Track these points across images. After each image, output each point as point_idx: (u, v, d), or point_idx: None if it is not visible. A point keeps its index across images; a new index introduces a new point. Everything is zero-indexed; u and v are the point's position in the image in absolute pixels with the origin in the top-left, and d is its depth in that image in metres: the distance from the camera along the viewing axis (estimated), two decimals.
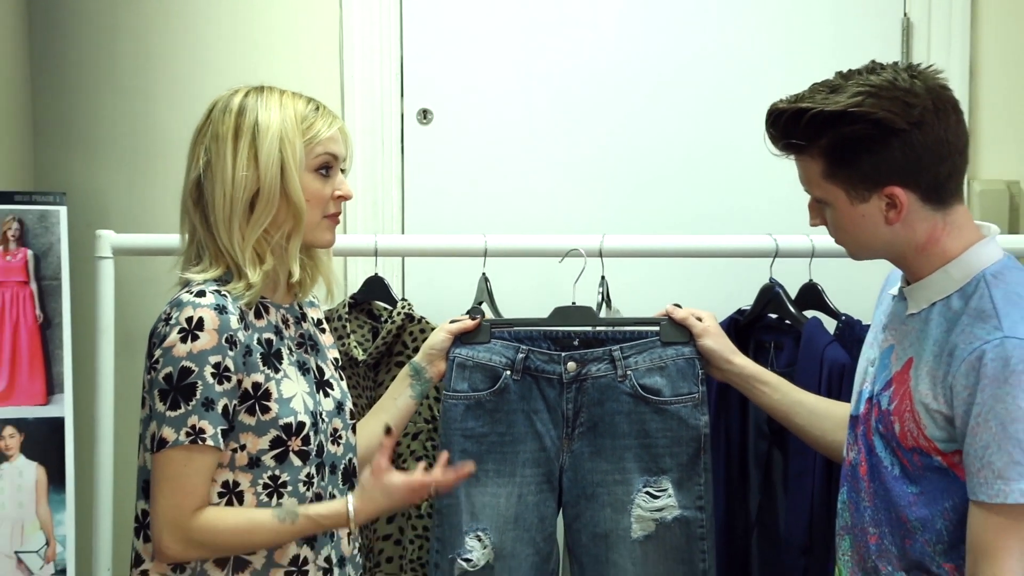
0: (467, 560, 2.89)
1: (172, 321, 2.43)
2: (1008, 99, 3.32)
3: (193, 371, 2.41)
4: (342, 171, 2.63)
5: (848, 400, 2.72)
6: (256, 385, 2.49)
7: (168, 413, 2.42)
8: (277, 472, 2.54)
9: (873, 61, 2.36)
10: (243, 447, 2.50)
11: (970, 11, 3.27)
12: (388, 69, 3.46)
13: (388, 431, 2.70)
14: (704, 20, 3.46)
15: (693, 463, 2.89)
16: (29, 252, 3.44)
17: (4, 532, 3.35)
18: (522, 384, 2.90)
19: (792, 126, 2.32)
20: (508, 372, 2.89)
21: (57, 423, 3.41)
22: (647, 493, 2.89)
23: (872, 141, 2.26)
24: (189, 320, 2.42)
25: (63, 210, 3.46)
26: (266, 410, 2.50)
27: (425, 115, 3.44)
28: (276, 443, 2.52)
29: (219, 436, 2.45)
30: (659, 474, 2.90)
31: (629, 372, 2.88)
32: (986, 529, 2.24)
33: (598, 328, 2.97)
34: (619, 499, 2.91)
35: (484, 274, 3.13)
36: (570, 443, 2.94)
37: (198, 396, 2.42)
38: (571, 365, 2.88)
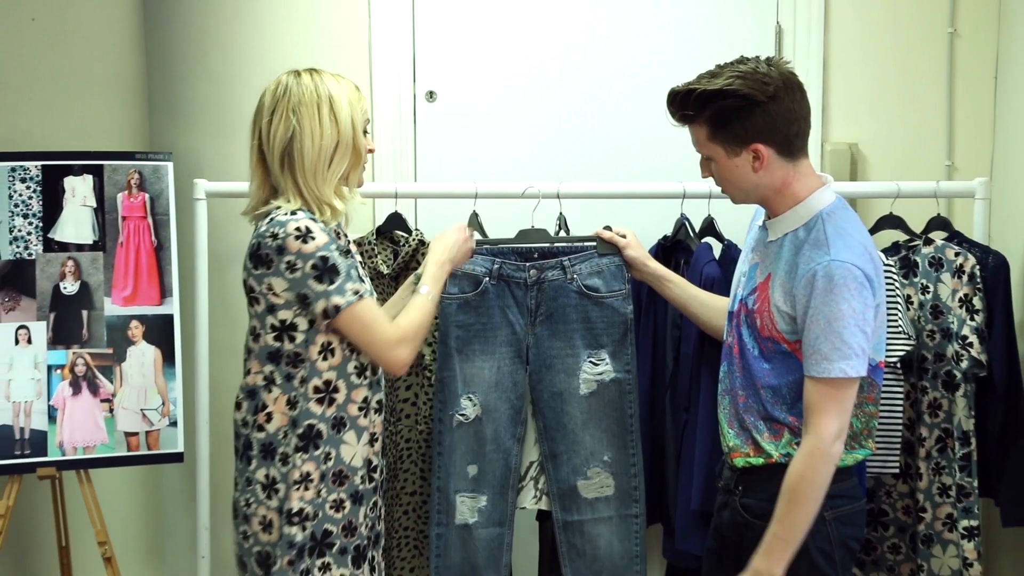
0: (462, 415, 2.99)
1: (282, 235, 2.45)
2: (850, 83, 3.33)
3: (328, 256, 2.45)
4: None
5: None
6: (359, 266, 2.59)
7: (329, 288, 2.46)
8: None
9: (742, 55, 2.42)
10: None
11: (823, 21, 3.28)
12: (404, 60, 3.41)
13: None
14: (634, 29, 3.45)
15: (623, 340, 2.98)
16: (146, 195, 3.46)
17: (133, 395, 3.40)
18: (497, 287, 2.97)
19: (684, 103, 2.40)
20: (487, 278, 2.96)
21: (168, 318, 3.45)
22: (590, 362, 2.98)
23: (740, 111, 2.34)
24: (298, 229, 2.44)
25: (170, 165, 3.49)
26: (363, 283, 2.58)
27: (431, 95, 3.41)
28: None
29: (371, 290, 2.56)
30: (599, 348, 2.98)
31: (575, 276, 2.94)
32: (814, 395, 2.34)
33: (551, 245, 3.00)
34: (570, 367, 2.99)
35: (475, 211, 3.12)
36: (533, 328, 3.00)
37: (342, 270, 2.47)
38: (533, 272, 2.96)
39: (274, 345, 2.53)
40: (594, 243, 2.99)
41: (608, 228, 2.95)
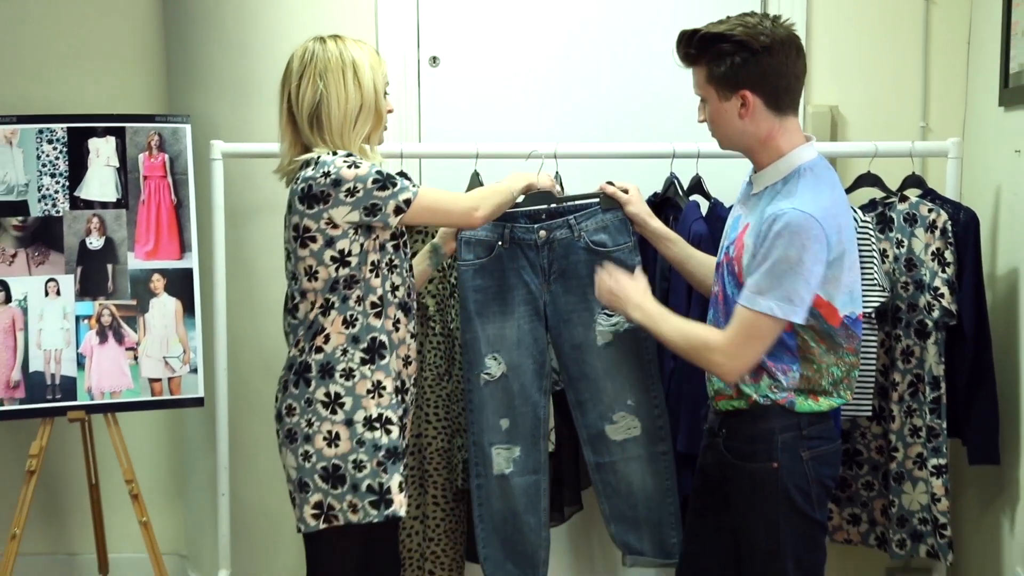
0: (488, 374, 2.96)
1: (333, 171, 2.51)
2: (831, 49, 3.32)
3: (381, 171, 2.52)
4: None
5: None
6: None
7: (395, 190, 2.52)
8: (392, 257, 2.63)
9: (752, 11, 2.44)
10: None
11: None
12: (408, 26, 3.38)
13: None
14: (634, 5, 3.42)
15: None
16: (166, 156, 3.49)
17: (156, 344, 3.43)
18: (510, 250, 2.93)
19: (689, 42, 2.40)
20: (499, 243, 2.92)
21: (188, 271, 3.47)
22: (604, 314, 2.93)
23: (734, 56, 2.33)
24: (346, 161, 2.51)
25: (188, 127, 3.51)
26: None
27: (434, 60, 3.39)
28: (394, 237, 2.63)
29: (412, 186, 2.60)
30: None
31: (582, 233, 2.90)
32: (737, 320, 2.35)
33: (557, 205, 2.96)
34: (586, 320, 2.95)
35: (476, 171, 3.12)
36: (548, 286, 2.96)
37: (397, 177, 2.55)
38: (542, 233, 2.91)
39: (334, 275, 2.56)
40: (598, 199, 2.96)
41: (611, 183, 2.91)
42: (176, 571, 4.02)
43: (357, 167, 2.52)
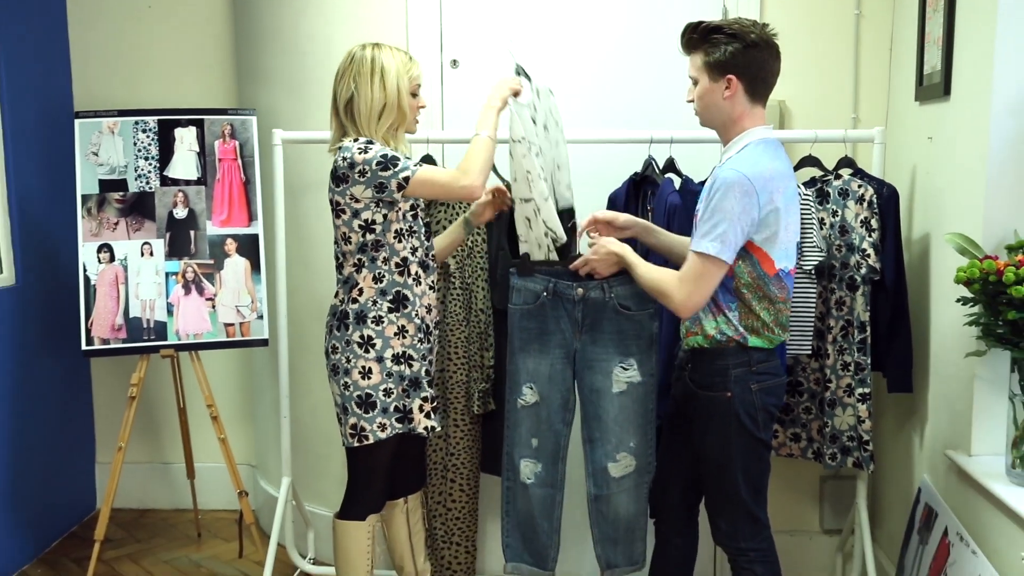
0: (523, 400, 2.89)
1: (349, 155, 2.53)
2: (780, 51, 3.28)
3: (386, 153, 2.53)
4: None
5: (678, 230, 2.80)
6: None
7: (396, 169, 2.51)
8: (412, 224, 2.65)
9: (745, 17, 2.48)
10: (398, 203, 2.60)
11: (759, 2, 3.22)
12: (433, 34, 3.30)
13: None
14: (618, 15, 3.31)
15: (649, 350, 2.84)
16: (236, 142, 3.50)
17: (229, 295, 3.46)
18: (553, 301, 2.82)
19: (694, 30, 2.39)
20: (544, 293, 2.82)
21: (254, 237, 3.49)
22: (621, 367, 2.84)
23: (728, 44, 2.34)
24: (360, 147, 2.54)
25: (254, 118, 3.52)
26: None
27: (454, 63, 3.32)
28: (412, 207, 2.65)
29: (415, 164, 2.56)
30: (628, 356, 2.84)
31: (612, 296, 2.78)
32: (688, 264, 2.37)
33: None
34: (605, 370, 2.85)
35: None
36: (580, 336, 2.85)
37: (400, 158, 2.54)
38: (580, 291, 2.79)
39: (362, 240, 2.59)
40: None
41: (593, 221, 2.77)
42: (248, 478, 4.08)
43: (366, 152, 2.53)
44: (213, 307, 3.46)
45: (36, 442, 3.74)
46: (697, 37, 2.40)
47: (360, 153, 2.54)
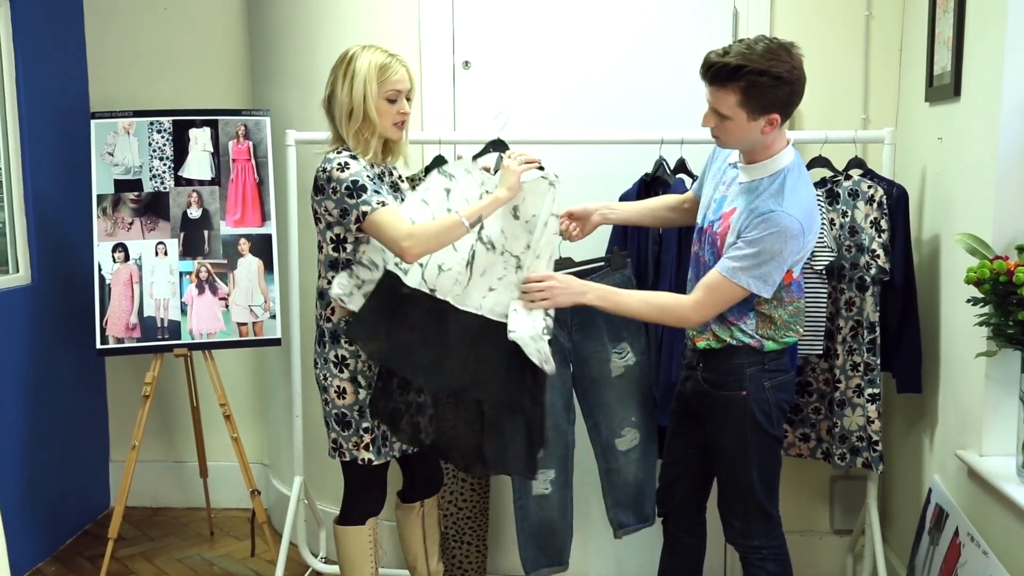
0: None
1: (330, 168, 2.48)
2: None
3: (357, 179, 2.46)
4: (408, 98, 2.58)
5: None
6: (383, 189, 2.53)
7: (359, 200, 2.44)
8: None
9: (762, 35, 2.31)
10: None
11: (770, 5, 3.21)
12: (445, 36, 3.29)
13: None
14: (629, 16, 3.31)
15: (638, 331, 2.92)
16: (250, 143, 3.51)
17: (243, 295, 3.46)
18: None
19: (729, 73, 2.25)
20: None
21: (268, 236, 3.49)
22: (615, 353, 2.91)
23: (774, 88, 2.25)
24: (339, 163, 2.48)
25: (268, 119, 3.52)
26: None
27: (466, 64, 3.32)
28: None
29: (390, 200, 2.48)
30: (620, 341, 2.91)
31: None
32: (713, 281, 2.35)
33: (574, 269, 2.84)
34: (602, 359, 2.93)
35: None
36: (571, 336, 2.91)
37: (369, 187, 2.46)
38: None
39: (333, 255, 2.56)
40: (603, 261, 2.91)
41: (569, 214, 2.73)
42: (260, 476, 4.08)
43: (342, 171, 2.46)
44: (226, 306, 3.46)
45: (50, 440, 3.76)
46: (727, 81, 2.26)
47: (338, 170, 2.49)
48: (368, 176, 2.50)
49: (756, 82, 2.24)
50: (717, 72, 2.27)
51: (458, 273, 2.57)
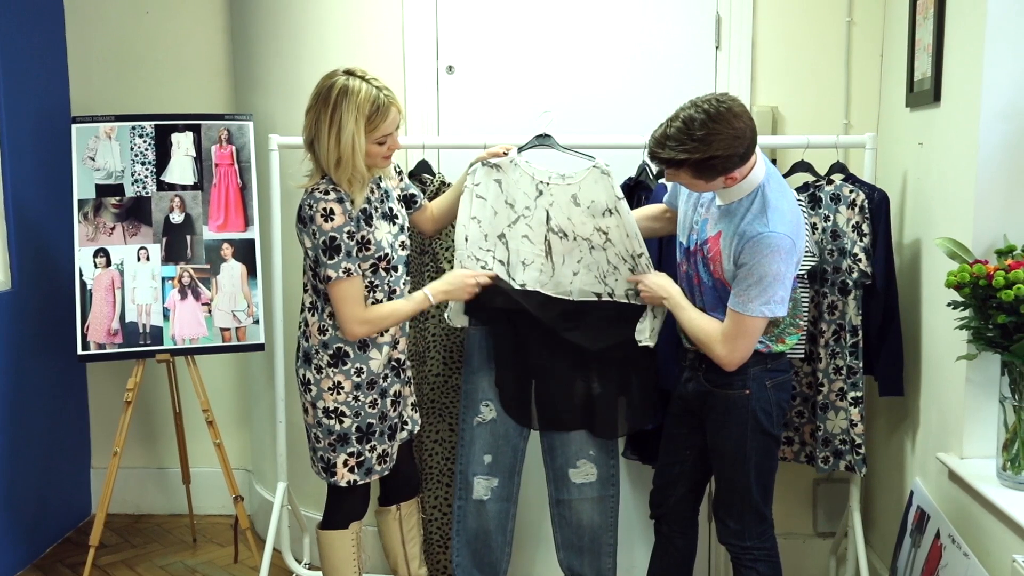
0: (480, 417, 2.91)
1: (315, 209, 2.47)
2: (772, 59, 3.23)
3: (336, 237, 2.48)
4: (397, 126, 2.57)
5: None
6: (363, 237, 2.54)
7: (329, 262, 2.48)
8: (372, 279, 2.57)
9: (716, 99, 2.28)
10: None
11: (752, 11, 3.21)
12: (429, 41, 3.28)
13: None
14: (612, 21, 3.31)
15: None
16: (233, 147, 3.49)
17: (226, 300, 3.45)
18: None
19: (668, 163, 2.32)
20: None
21: (251, 241, 3.47)
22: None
23: (723, 161, 2.28)
24: (324, 209, 2.47)
25: (251, 124, 3.51)
26: (368, 248, 2.55)
27: (450, 69, 3.32)
28: (373, 265, 2.57)
29: (358, 269, 2.51)
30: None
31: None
32: (732, 323, 2.40)
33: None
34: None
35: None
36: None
37: (343, 248, 2.48)
38: None
39: (312, 281, 2.60)
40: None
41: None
42: (243, 483, 4.08)
43: (327, 220, 2.47)
44: (209, 312, 3.45)
45: (31, 447, 3.74)
46: (674, 169, 2.32)
47: (321, 217, 2.49)
48: (348, 232, 2.51)
49: (702, 165, 2.29)
50: (658, 159, 2.34)
51: (541, 263, 2.82)
